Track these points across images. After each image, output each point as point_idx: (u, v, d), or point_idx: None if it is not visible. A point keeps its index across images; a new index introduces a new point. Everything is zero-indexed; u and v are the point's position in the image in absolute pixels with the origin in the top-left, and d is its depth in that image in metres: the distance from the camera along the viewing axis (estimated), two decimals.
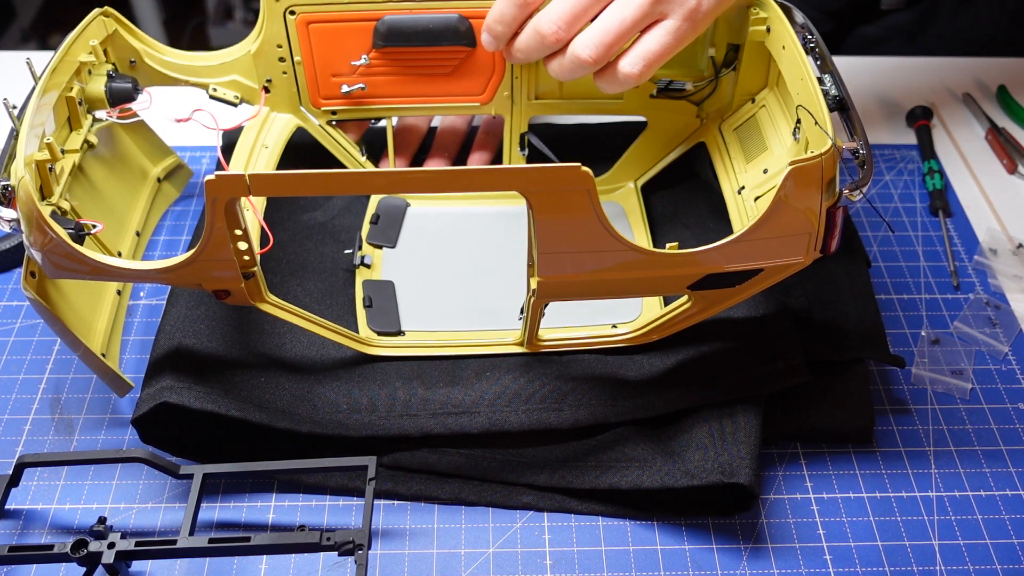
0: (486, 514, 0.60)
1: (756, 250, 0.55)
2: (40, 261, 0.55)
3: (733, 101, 0.70)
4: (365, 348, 0.64)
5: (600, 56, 0.58)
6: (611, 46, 0.58)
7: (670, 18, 0.59)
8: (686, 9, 0.58)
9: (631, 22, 0.58)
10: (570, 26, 0.58)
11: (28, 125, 0.56)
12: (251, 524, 0.59)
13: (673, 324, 0.62)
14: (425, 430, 0.59)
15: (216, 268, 0.54)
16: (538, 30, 0.60)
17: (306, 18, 0.67)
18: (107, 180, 0.70)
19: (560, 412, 0.60)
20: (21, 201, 0.54)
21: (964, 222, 0.80)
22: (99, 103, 0.64)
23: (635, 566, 0.57)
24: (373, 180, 0.52)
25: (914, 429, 0.64)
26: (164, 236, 0.77)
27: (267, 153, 0.69)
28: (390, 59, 0.69)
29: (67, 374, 0.67)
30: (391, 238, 0.74)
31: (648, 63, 0.59)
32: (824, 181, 0.53)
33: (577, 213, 0.51)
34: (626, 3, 0.58)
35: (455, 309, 0.68)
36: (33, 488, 0.60)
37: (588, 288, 0.56)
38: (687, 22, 0.59)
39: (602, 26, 0.58)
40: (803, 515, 0.60)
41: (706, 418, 0.60)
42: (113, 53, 0.67)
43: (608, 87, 0.61)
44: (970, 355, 0.69)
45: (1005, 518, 0.60)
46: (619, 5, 0.58)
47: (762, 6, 0.64)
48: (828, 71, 0.60)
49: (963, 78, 0.96)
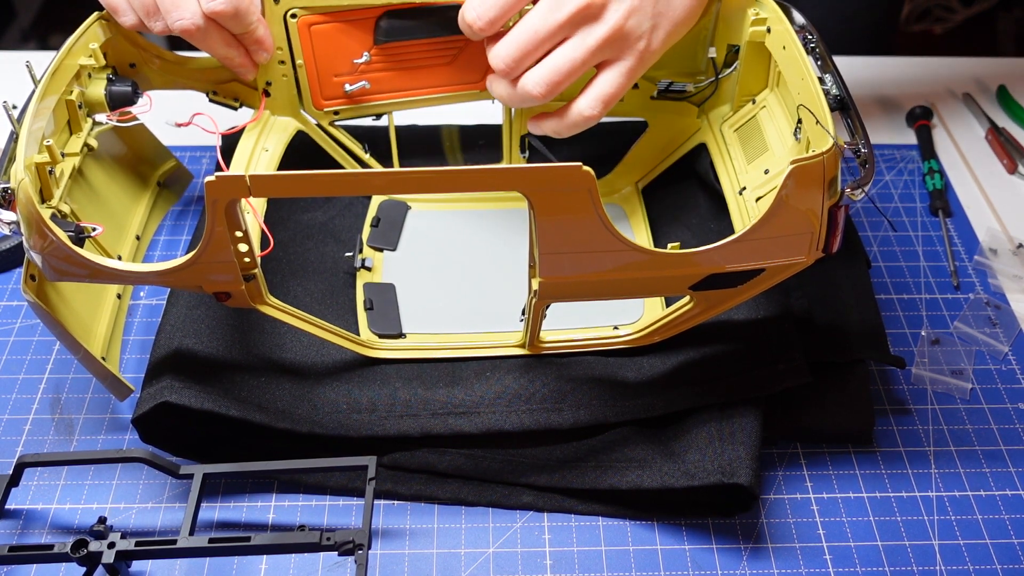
0: (486, 514, 0.60)
1: (758, 250, 0.55)
2: (40, 264, 0.55)
3: (734, 102, 0.70)
4: (366, 351, 0.64)
5: (549, 93, 0.61)
6: (560, 84, 0.61)
7: (622, 60, 0.61)
8: (636, 51, 0.61)
9: (581, 63, 0.60)
10: (519, 63, 0.61)
11: (28, 128, 0.56)
12: (251, 524, 0.59)
13: (675, 325, 0.62)
14: (425, 430, 0.59)
15: (216, 270, 0.54)
16: (491, 62, 0.62)
17: (307, 20, 0.67)
18: (107, 183, 0.70)
19: (560, 412, 0.60)
20: (21, 204, 0.54)
21: (964, 222, 0.80)
22: (99, 106, 0.64)
23: (635, 566, 0.57)
24: (373, 180, 0.52)
25: (914, 429, 0.64)
26: (164, 236, 0.77)
27: (267, 156, 0.69)
28: (391, 54, 0.70)
29: (67, 374, 0.67)
30: (392, 241, 0.74)
31: (605, 104, 0.62)
32: (826, 180, 0.53)
33: (578, 213, 0.51)
34: (576, 45, 0.60)
35: (456, 311, 0.69)
36: (33, 488, 0.60)
37: (590, 289, 0.56)
38: (638, 62, 0.61)
39: (553, 65, 0.60)
40: (803, 515, 0.60)
41: (706, 419, 0.60)
42: (113, 56, 0.67)
43: (567, 129, 0.63)
44: (970, 355, 0.69)
45: (1005, 518, 0.60)
46: (570, 46, 0.60)
47: (762, 7, 0.64)
48: (829, 71, 0.60)
49: (963, 78, 0.96)
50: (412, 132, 0.81)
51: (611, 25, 0.59)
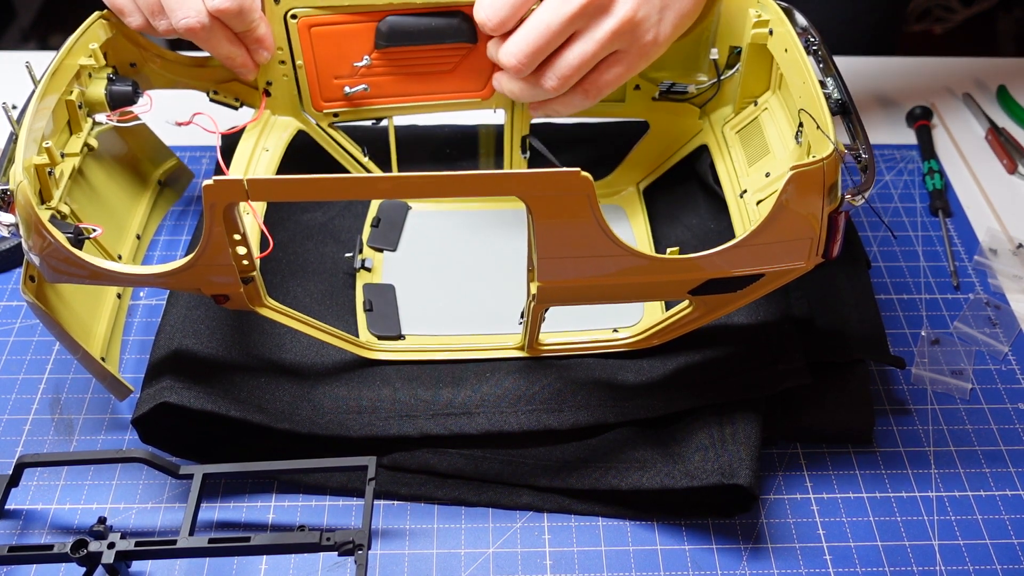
0: (486, 514, 0.60)
1: (757, 255, 0.55)
2: (39, 265, 0.55)
3: (736, 104, 0.70)
4: (365, 352, 0.64)
5: (562, 87, 0.63)
6: (572, 78, 0.62)
7: (628, 53, 0.62)
8: (641, 43, 0.62)
9: (592, 55, 0.61)
10: (532, 59, 0.62)
11: (27, 129, 0.56)
12: (251, 524, 0.59)
13: (674, 329, 0.62)
14: (425, 431, 0.59)
15: (214, 273, 0.54)
16: (500, 60, 0.63)
17: (308, 21, 0.67)
18: (107, 183, 0.70)
19: (560, 413, 0.60)
20: (20, 205, 0.54)
21: (964, 222, 0.80)
22: (99, 106, 0.64)
23: (635, 566, 0.57)
24: (373, 185, 0.52)
25: (914, 429, 0.64)
26: (164, 236, 0.77)
27: (267, 157, 0.69)
28: (392, 59, 0.69)
29: (67, 374, 0.67)
30: (392, 241, 0.74)
31: (602, 93, 0.64)
32: (826, 186, 0.53)
33: (576, 218, 0.51)
34: (588, 38, 0.61)
35: (456, 313, 0.68)
36: (33, 488, 0.60)
37: (589, 293, 0.56)
38: (642, 58, 0.63)
39: (565, 58, 0.61)
40: (803, 515, 0.60)
41: (706, 420, 0.60)
42: (113, 56, 0.67)
43: (565, 110, 0.66)
44: (970, 355, 0.69)
45: (1005, 518, 0.60)
46: (581, 39, 0.61)
47: (764, 8, 0.64)
48: (831, 74, 0.60)
49: (963, 78, 0.96)
50: (411, 133, 0.81)
51: (621, 16, 0.60)
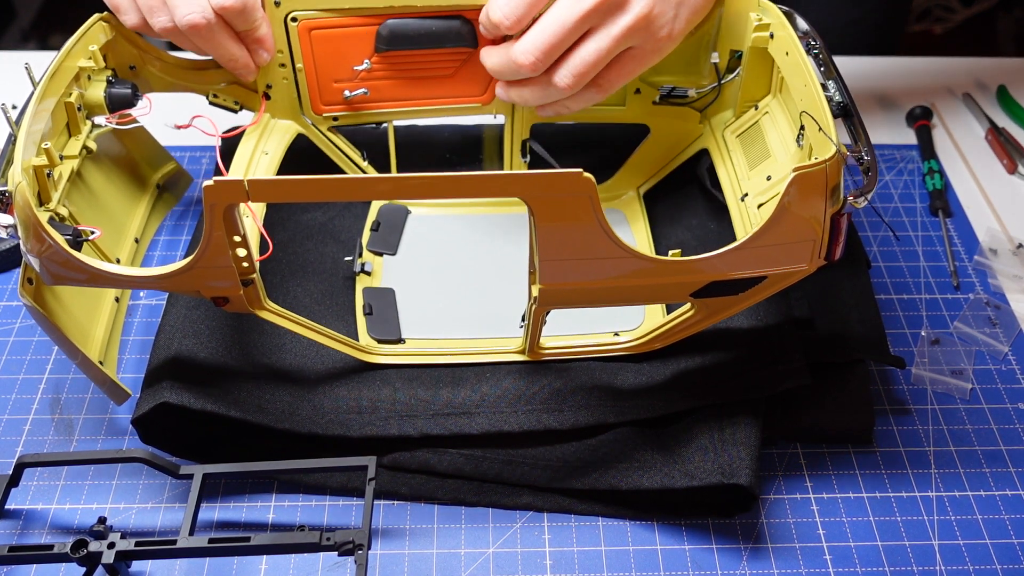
0: (486, 514, 0.60)
1: (759, 257, 0.55)
2: (37, 268, 0.55)
3: (736, 107, 0.70)
4: (365, 356, 0.64)
5: (576, 85, 0.62)
6: (587, 75, 0.61)
7: (642, 49, 0.62)
8: (656, 39, 0.62)
9: (607, 52, 0.61)
10: (548, 56, 0.61)
11: (26, 130, 0.56)
12: (251, 524, 0.59)
13: (676, 332, 0.62)
14: (426, 431, 0.59)
15: (214, 276, 0.54)
16: (514, 59, 0.61)
17: (308, 25, 0.67)
18: (106, 186, 0.70)
19: (560, 413, 0.60)
20: (18, 207, 0.54)
21: (964, 222, 0.80)
22: (98, 109, 0.64)
23: (635, 566, 0.57)
24: (373, 186, 0.52)
25: (914, 429, 0.64)
26: (164, 236, 0.77)
27: (267, 159, 0.69)
28: (392, 63, 0.69)
29: (67, 374, 0.67)
30: (392, 245, 0.74)
31: (614, 89, 0.64)
32: (828, 187, 0.53)
33: (579, 220, 0.51)
34: (603, 35, 0.60)
35: (456, 317, 0.68)
36: (33, 488, 0.60)
37: (590, 295, 0.56)
38: (656, 53, 0.63)
39: (581, 56, 0.61)
40: (803, 515, 0.60)
41: (706, 420, 0.60)
42: (113, 58, 0.67)
43: (575, 105, 0.65)
44: (970, 355, 0.69)
45: (1005, 518, 0.60)
46: (596, 36, 0.60)
47: (765, 12, 0.64)
48: (832, 77, 0.60)
49: (963, 78, 0.96)
50: (411, 135, 0.81)
51: (637, 13, 0.59)
